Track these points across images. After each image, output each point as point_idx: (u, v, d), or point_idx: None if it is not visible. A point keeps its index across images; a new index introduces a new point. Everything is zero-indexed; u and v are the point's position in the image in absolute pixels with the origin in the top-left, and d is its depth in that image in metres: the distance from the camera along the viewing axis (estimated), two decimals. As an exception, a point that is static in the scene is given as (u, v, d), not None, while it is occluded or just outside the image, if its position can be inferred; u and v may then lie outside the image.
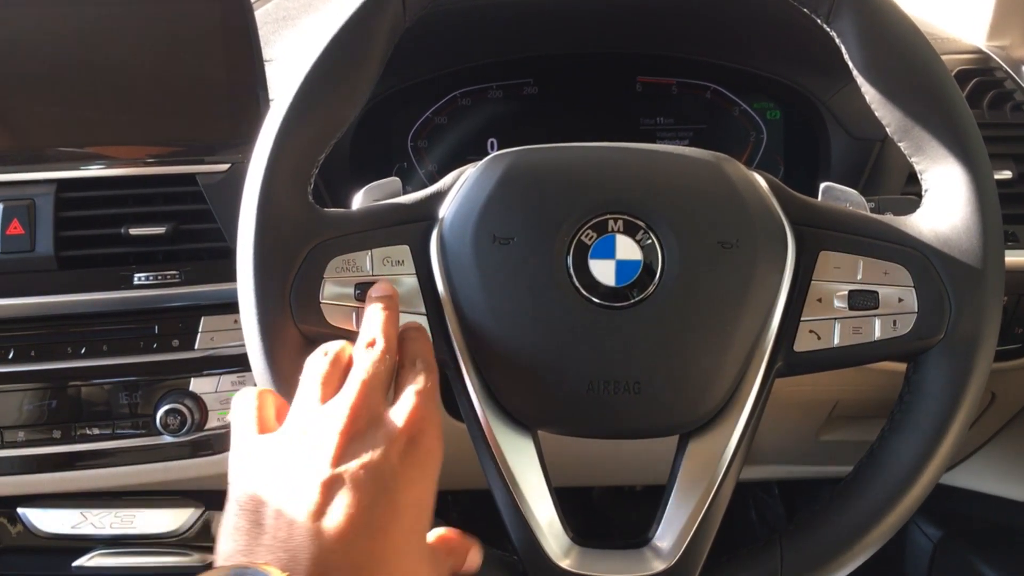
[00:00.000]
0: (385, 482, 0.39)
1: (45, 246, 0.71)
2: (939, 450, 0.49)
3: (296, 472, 0.40)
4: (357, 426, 0.41)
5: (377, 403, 0.42)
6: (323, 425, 0.41)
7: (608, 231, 0.50)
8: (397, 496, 0.39)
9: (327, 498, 0.38)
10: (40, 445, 0.75)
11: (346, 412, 0.41)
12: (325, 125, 0.52)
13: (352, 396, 0.42)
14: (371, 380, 0.43)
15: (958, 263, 0.50)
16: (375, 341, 0.45)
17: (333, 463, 0.39)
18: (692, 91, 0.87)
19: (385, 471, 0.39)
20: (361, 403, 0.42)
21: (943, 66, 0.51)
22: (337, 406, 0.42)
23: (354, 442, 0.40)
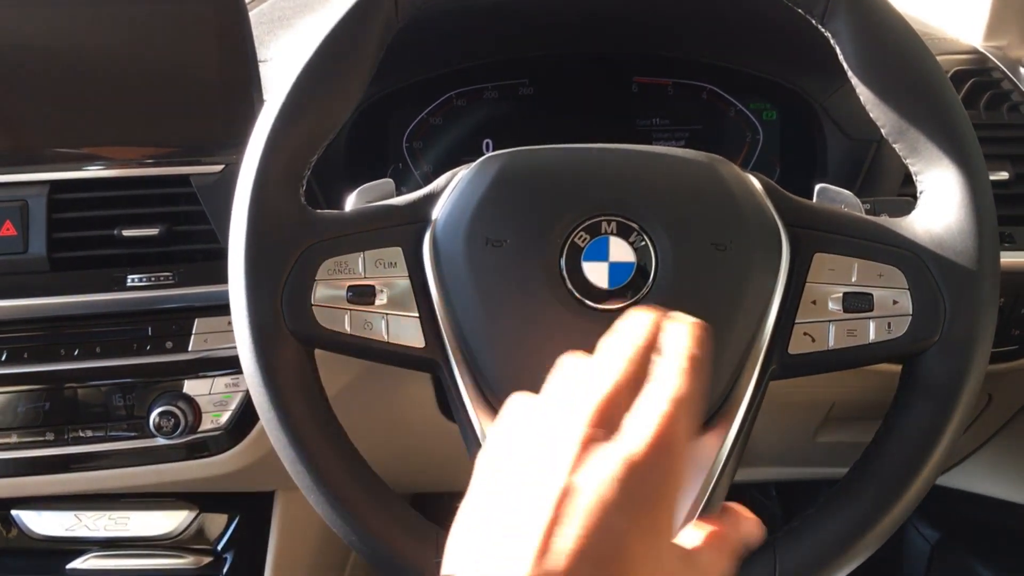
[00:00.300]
0: (620, 505, 0.35)
1: (38, 247, 0.71)
2: (934, 453, 0.49)
3: (534, 476, 0.36)
4: (596, 433, 0.36)
5: (623, 408, 0.37)
6: (566, 424, 0.37)
7: (601, 233, 0.50)
8: (634, 517, 0.35)
9: (559, 512, 0.35)
10: (33, 447, 0.75)
11: (590, 413, 0.37)
12: (317, 126, 0.51)
13: (599, 395, 0.37)
14: (620, 379, 0.38)
15: (953, 265, 0.49)
16: (630, 338, 0.40)
17: (569, 472, 0.35)
18: (688, 92, 0.87)
19: (620, 495, 0.35)
20: (605, 405, 0.37)
21: (938, 67, 0.51)
22: (581, 410, 0.37)
23: (590, 451, 0.36)
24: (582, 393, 0.38)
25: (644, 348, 0.39)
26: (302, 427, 0.50)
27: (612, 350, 0.40)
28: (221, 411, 0.74)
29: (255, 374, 0.49)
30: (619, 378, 0.38)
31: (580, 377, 0.39)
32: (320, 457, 0.50)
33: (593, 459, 0.35)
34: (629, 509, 0.34)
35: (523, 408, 0.41)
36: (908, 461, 0.49)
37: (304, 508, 0.53)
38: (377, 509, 0.51)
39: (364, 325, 0.50)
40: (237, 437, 0.75)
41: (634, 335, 0.40)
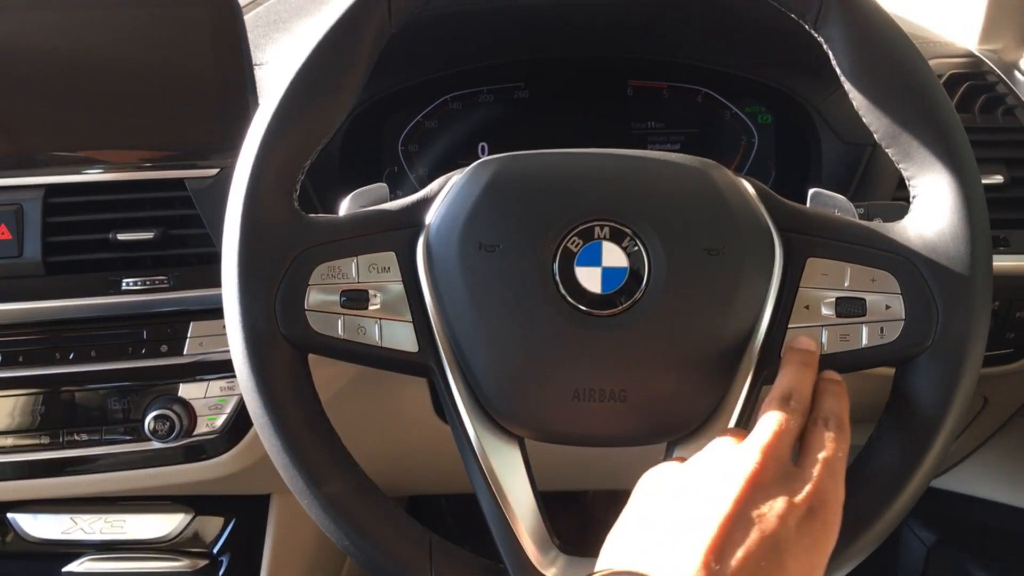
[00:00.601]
0: (777, 544, 0.38)
1: (33, 251, 0.71)
2: (927, 457, 0.49)
3: (701, 502, 0.40)
4: (764, 476, 0.41)
5: (785, 457, 0.42)
6: (734, 464, 0.41)
7: (594, 238, 0.50)
8: (786, 561, 0.38)
9: (724, 537, 0.38)
10: (29, 451, 0.75)
11: (757, 457, 0.41)
12: (310, 131, 0.52)
13: (763, 443, 0.42)
14: (782, 433, 0.43)
15: (945, 269, 0.49)
16: (790, 395, 0.45)
17: (736, 504, 0.39)
18: (683, 95, 0.87)
19: (780, 535, 0.38)
20: (770, 453, 0.42)
21: (930, 71, 0.51)
22: (749, 449, 0.42)
23: (758, 491, 0.40)
24: (750, 438, 0.43)
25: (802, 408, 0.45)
26: (295, 432, 0.50)
27: (773, 405, 0.45)
28: (216, 415, 0.74)
29: (248, 379, 0.49)
30: (781, 428, 0.43)
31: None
32: (313, 462, 0.50)
33: (760, 497, 0.39)
34: (793, 549, 0.38)
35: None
36: (901, 465, 0.49)
37: (300, 511, 0.53)
38: (370, 513, 0.51)
39: (357, 330, 0.50)
40: (232, 440, 0.75)
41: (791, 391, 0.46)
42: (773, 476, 0.40)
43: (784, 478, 0.41)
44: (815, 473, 0.41)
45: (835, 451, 0.43)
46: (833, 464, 0.42)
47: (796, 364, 0.48)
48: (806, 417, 0.45)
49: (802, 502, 0.40)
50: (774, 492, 0.40)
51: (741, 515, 0.39)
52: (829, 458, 0.42)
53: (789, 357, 0.49)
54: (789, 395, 0.45)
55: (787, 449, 0.42)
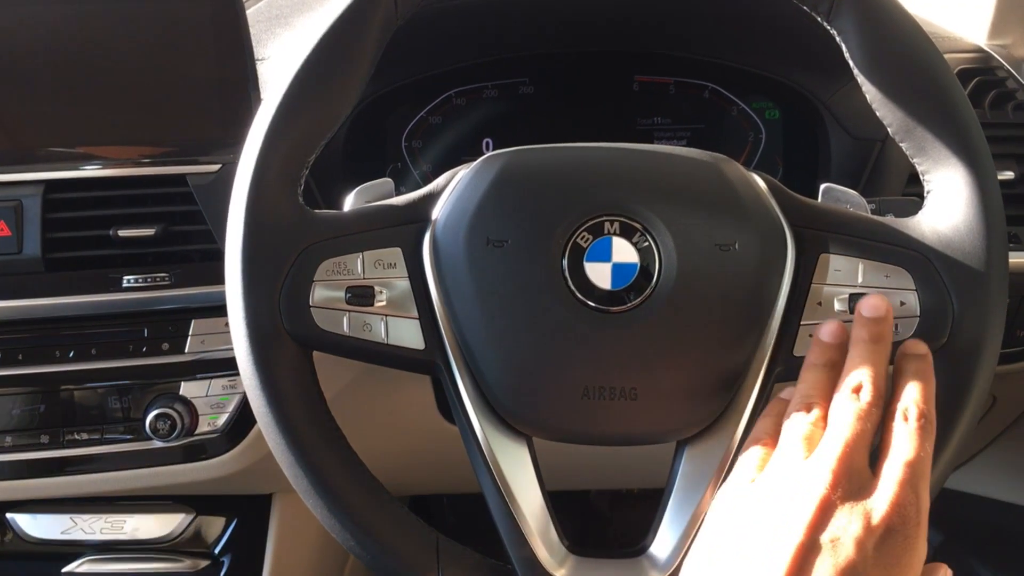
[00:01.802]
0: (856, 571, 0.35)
1: (32, 248, 0.70)
2: (943, 455, 0.49)
3: (771, 530, 0.37)
4: (837, 496, 0.37)
5: (860, 467, 0.38)
6: (804, 486, 0.38)
7: (604, 233, 0.49)
8: None
9: (796, 570, 0.36)
10: (28, 450, 0.74)
11: (828, 478, 0.37)
12: (315, 126, 0.51)
13: (834, 459, 0.38)
14: (855, 440, 0.39)
15: (961, 265, 0.49)
16: (861, 386, 0.41)
17: (808, 531, 0.36)
18: (690, 90, 0.86)
19: (856, 562, 0.35)
20: (842, 469, 0.38)
21: (946, 65, 0.50)
22: (819, 467, 0.38)
23: (831, 513, 0.37)
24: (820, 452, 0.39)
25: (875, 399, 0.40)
26: (300, 430, 0.49)
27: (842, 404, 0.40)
28: (218, 413, 0.73)
29: (252, 376, 0.49)
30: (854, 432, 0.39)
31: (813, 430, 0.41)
32: (318, 460, 0.49)
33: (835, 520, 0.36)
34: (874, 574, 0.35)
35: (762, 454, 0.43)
36: None
37: (302, 511, 0.53)
38: (376, 513, 0.50)
39: (363, 327, 0.50)
40: (234, 439, 0.75)
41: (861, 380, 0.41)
42: (847, 493, 0.37)
43: (860, 493, 0.37)
44: (895, 485, 0.37)
45: (918, 453, 0.38)
46: (916, 470, 0.38)
47: (864, 343, 0.43)
48: (882, 408, 0.40)
49: (880, 522, 0.36)
50: (848, 513, 0.36)
51: (813, 544, 0.36)
52: (911, 463, 0.38)
53: (857, 333, 0.44)
54: (859, 385, 0.41)
55: (862, 456, 0.38)
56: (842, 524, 0.36)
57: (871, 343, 0.43)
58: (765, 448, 0.43)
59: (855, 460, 0.38)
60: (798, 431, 0.41)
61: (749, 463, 0.43)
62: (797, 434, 0.41)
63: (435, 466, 0.90)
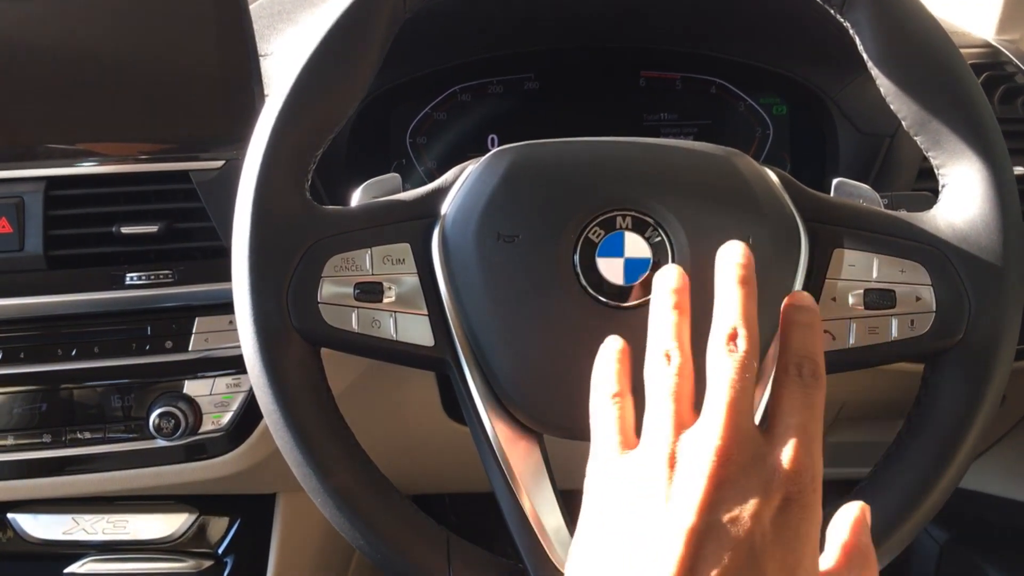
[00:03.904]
0: (753, 550, 0.32)
1: (34, 245, 0.70)
2: (959, 453, 0.48)
3: (659, 514, 0.34)
4: (727, 469, 0.33)
5: (749, 432, 0.34)
6: (689, 461, 0.34)
7: (616, 228, 0.48)
8: (765, 565, 0.32)
9: (693, 555, 0.32)
10: (30, 449, 0.73)
11: (713, 451, 0.33)
12: (322, 120, 0.50)
13: (720, 426, 0.34)
14: (738, 399, 0.34)
15: (978, 260, 0.48)
16: (736, 334, 0.36)
17: (700, 511, 0.33)
18: (697, 86, 0.85)
19: (755, 539, 0.32)
20: (731, 437, 0.34)
21: (961, 58, 0.50)
22: (703, 439, 0.34)
23: (723, 488, 0.33)
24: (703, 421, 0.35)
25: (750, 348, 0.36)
26: (309, 428, 0.48)
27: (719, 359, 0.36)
28: (222, 412, 0.73)
29: (260, 374, 0.48)
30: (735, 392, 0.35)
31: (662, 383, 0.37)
32: (327, 458, 0.49)
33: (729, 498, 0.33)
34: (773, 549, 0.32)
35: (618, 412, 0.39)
36: (932, 462, 0.48)
37: (307, 510, 0.52)
38: (386, 512, 0.49)
39: (372, 323, 0.49)
40: (239, 438, 0.74)
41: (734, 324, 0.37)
42: (740, 464, 0.33)
43: (753, 464, 0.34)
44: (788, 449, 0.34)
45: (809, 410, 0.35)
46: (809, 431, 0.34)
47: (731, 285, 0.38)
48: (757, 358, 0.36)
49: (776, 493, 0.33)
50: (743, 487, 0.33)
51: (707, 527, 0.32)
52: (803, 423, 0.34)
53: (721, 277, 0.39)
54: (734, 332, 0.36)
55: (748, 417, 0.34)
56: (737, 501, 0.33)
57: (739, 285, 0.38)
58: (617, 404, 0.39)
59: (742, 424, 0.34)
60: (664, 386, 0.37)
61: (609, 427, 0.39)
62: (664, 390, 0.37)
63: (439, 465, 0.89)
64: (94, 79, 0.70)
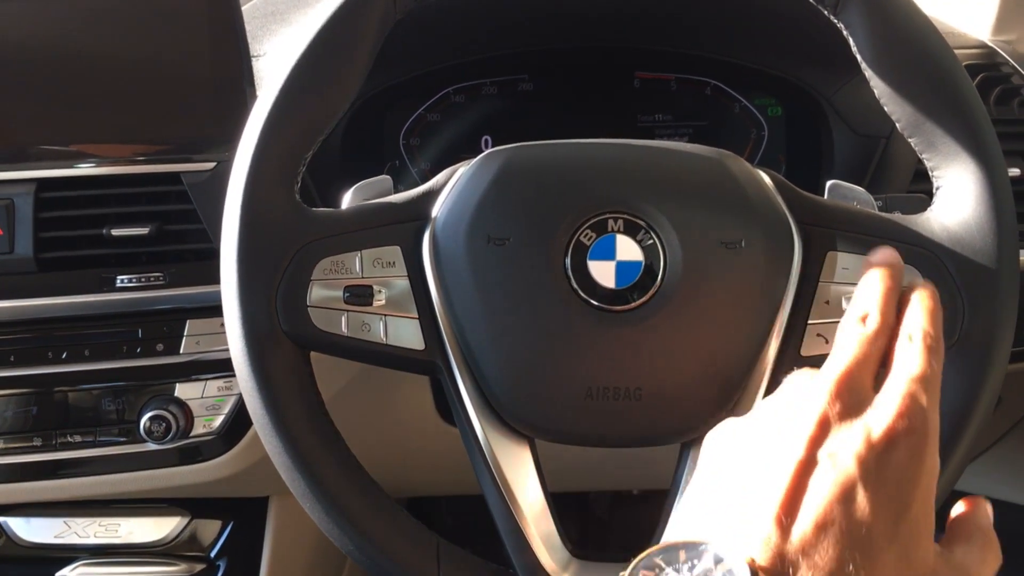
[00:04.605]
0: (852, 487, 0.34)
1: (24, 247, 0.69)
2: (953, 457, 0.48)
3: (770, 448, 0.36)
4: (836, 411, 0.36)
5: (864, 384, 0.37)
6: (802, 401, 0.37)
7: (608, 231, 0.48)
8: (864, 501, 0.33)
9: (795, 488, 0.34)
10: (21, 453, 0.73)
11: (829, 389, 0.36)
12: (312, 122, 0.50)
13: (837, 371, 0.37)
14: (857, 360, 0.37)
15: (971, 263, 0.48)
16: (868, 315, 0.39)
17: (808, 447, 0.35)
18: (691, 87, 0.85)
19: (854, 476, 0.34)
20: (842, 385, 0.36)
21: (956, 59, 0.49)
22: (821, 381, 0.37)
23: (829, 426, 0.35)
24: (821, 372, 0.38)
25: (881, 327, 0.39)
26: (297, 432, 0.48)
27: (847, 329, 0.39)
28: (214, 415, 0.72)
29: (249, 378, 0.48)
30: (857, 354, 0.38)
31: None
32: (316, 463, 0.48)
33: (834, 435, 0.35)
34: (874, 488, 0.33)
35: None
36: None
37: (299, 514, 0.52)
38: (375, 517, 0.49)
39: (362, 327, 0.49)
40: (230, 442, 0.73)
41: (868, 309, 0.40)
42: (847, 409, 0.35)
43: (860, 407, 0.36)
44: (897, 396, 0.35)
45: (923, 368, 0.37)
46: (921, 383, 0.36)
47: (872, 277, 0.41)
48: (888, 336, 0.39)
49: (882, 434, 0.34)
50: (849, 426, 0.35)
51: (811, 460, 0.34)
52: (916, 376, 0.36)
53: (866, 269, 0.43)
54: (866, 314, 0.40)
55: (865, 377, 0.37)
56: (841, 438, 0.35)
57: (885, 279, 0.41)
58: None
59: (857, 378, 0.37)
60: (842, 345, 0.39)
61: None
62: (841, 348, 0.39)
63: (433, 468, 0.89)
64: (85, 80, 0.70)
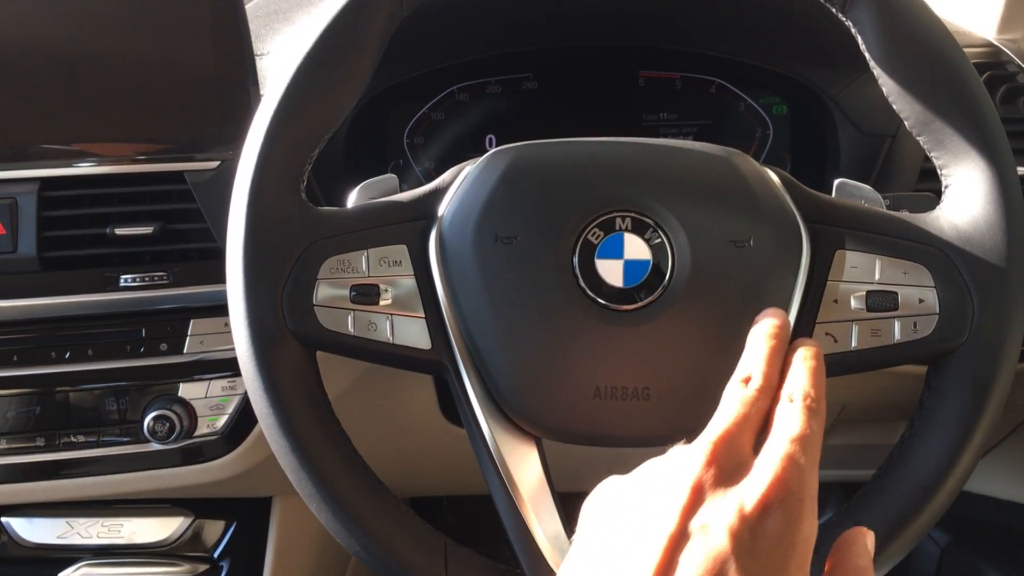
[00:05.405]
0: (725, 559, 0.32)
1: (28, 247, 0.69)
2: (963, 458, 0.48)
3: (643, 520, 0.35)
4: (711, 478, 0.34)
5: (742, 447, 0.36)
6: (678, 468, 0.35)
7: (616, 229, 0.48)
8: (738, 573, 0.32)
9: (667, 561, 0.33)
10: (24, 453, 0.73)
11: (703, 457, 0.34)
12: (319, 120, 0.50)
13: (714, 436, 0.35)
14: (736, 424, 0.36)
15: (981, 262, 0.48)
16: (751, 377, 0.39)
17: (680, 518, 0.33)
18: (696, 85, 0.85)
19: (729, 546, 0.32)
20: (721, 447, 0.35)
21: (965, 57, 0.49)
22: (696, 449, 0.35)
23: (703, 497, 0.34)
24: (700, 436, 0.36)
25: (763, 388, 0.38)
26: (304, 432, 0.48)
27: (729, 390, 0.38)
28: (218, 415, 0.72)
29: (255, 378, 0.47)
30: (737, 416, 0.36)
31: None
32: (323, 463, 0.48)
33: (708, 504, 0.33)
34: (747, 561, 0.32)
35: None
36: (937, 467, 0.48)
37: (303, 514, 0.51)
38: (383, 517, 0.49)
39: (368, 326, 0.49)
40: (234, 442, 0.73)
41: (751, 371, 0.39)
42: (722, 475, 0.34)
43: (735, 473, 0.34)
44: (773, 461, 0.34)
45: (802, 429, 0.35)
46: (800, 443, 0.35)
47: (756, 339, 0.41)
48: (770, 398, 0.38)
49: (757, 502, 0.33)
50: (722, 495, 0.34)
51: (682, 534, 0.33)
52: (795, 438, 0.35)
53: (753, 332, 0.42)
54: (747, 375, 0.39)
55: (745, 439, 0.36)
56: (714, 508, 0.33)
57: (763, 338, 0.41)
58: None
59: (735, 441, 0.36)
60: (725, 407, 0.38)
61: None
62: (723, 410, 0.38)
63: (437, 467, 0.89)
64: (88, 79, 0.70)
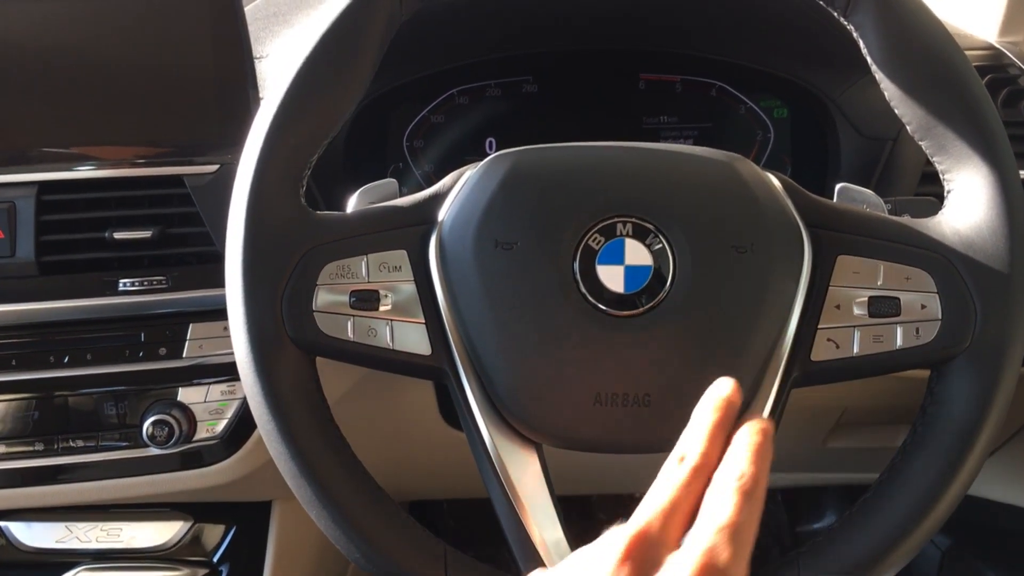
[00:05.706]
0: None
1: (26, 251, 0.69)
2: (965, 465, 0.47)
3: None
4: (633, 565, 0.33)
5: (663, 540, 0.34)
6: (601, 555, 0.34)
7: (616, 235, 0.48)
8: None
9: None
10: (22, 458, 0.72)
11: (620, 550, 0.33)
12: (318, 124, 0.49)
13: (633, 530, 0.34)
14: (664, 509, 0.34)
15: (984, 267, 0.47)
16: (685, 457, 0.37)
17: None
18: (697, 89, 0.84)
19: None
20: (638, 540, 0.33)
21: (967, 61, 0.49)
22: (614, 541, 0.34)
23: None
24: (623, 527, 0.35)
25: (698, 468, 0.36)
26: (303, 439, 0.48)
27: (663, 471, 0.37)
28: (217, 420, 0.72)
29: (254, 384, 0.47)
30: (664, 503, 0.35)
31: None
32: (322, 470, 0.48)
33: None
34: None
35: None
36: (939, 474, 0.47)
37: (302, 519, 0.51)
38: (382, 524, 0.49)
39: (368, 332, 0.48)
40: (233, 446, 0.73)
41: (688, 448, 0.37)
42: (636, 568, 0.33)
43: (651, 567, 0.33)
44: (696, 555, 0.32)
45: (731, 517, 0.33)
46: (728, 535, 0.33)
47: (699, 412, 0.39)
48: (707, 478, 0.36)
49: None
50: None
51: None
52: (722, 527, 0.33)
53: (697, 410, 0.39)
54: (683, 456, 0.37)
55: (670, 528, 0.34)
56: None
57: (711, 411, 0.39)
58: None
59: (654, 534, 0.34)
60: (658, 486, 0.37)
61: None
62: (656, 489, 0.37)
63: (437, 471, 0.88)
64: (87, 82, 0.69)
